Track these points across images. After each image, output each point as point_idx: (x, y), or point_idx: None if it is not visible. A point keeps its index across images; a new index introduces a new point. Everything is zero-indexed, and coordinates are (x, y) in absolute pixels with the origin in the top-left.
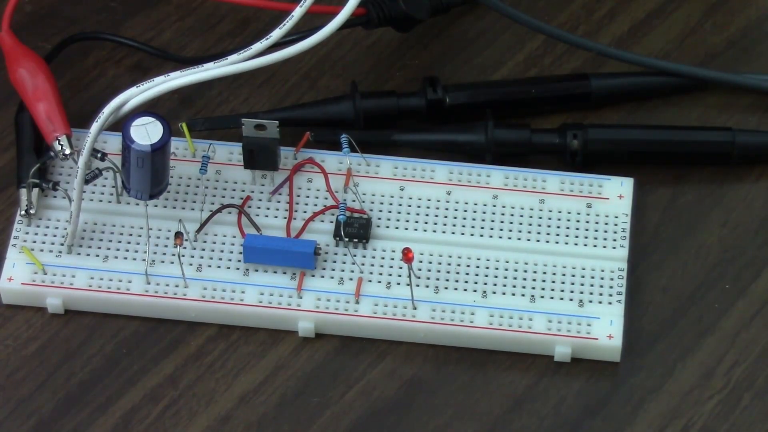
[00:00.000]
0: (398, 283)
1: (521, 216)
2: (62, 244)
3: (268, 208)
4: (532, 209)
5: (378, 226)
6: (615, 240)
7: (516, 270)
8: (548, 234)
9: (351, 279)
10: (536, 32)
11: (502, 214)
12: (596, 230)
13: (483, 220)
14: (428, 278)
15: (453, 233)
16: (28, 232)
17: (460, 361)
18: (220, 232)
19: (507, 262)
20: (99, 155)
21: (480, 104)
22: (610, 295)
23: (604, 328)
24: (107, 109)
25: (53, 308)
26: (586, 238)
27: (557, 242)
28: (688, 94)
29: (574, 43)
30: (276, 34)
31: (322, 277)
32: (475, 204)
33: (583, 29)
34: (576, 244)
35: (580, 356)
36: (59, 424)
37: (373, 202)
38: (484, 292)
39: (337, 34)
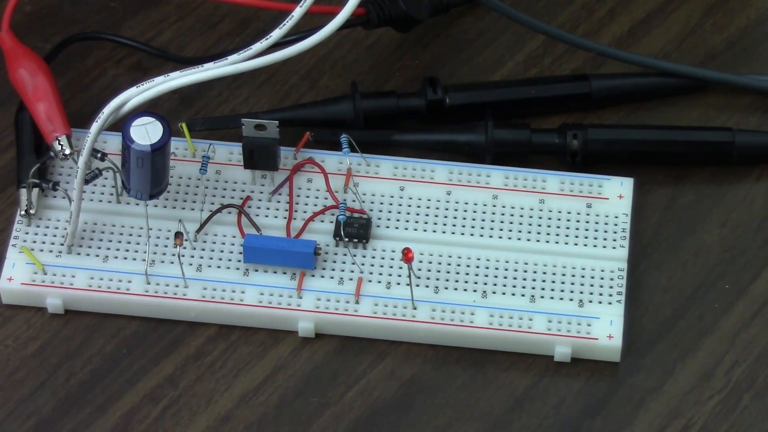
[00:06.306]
0: (398, 283)
1: (521, 216)
2: (62, 244)
3: (268, 208)
4: (532, 209)
5: (378, 226)
6: (615, 240)
7: (516, 270)
8: (548, 234)
9: (351, 279)
10: (536, 32)
11: (502, 214)
12: (596, 230)
13: (483, 220)
14: (428, 278)
15: (453, 233)
16: (28, 232)
17: (460, 361)
18: (220, 232)
19: (507, 262)
20: (99, 155)
21: (480, 104)
22: (610, 295)
23: (604, 328)
24: (107, 109)
25: (53, 308)
26: (586, 238)
27: (557, 242)
28: (688, 94)
29: (574, 43)
30: (276, 34)
31: (322, 277)
32: (475, 204)
33: (583, 29)
34: (576, 244)
35: (580, 356)
36: (59, 424)
37: (373, 202)
38: (484, 292)
39: (337, 34)
